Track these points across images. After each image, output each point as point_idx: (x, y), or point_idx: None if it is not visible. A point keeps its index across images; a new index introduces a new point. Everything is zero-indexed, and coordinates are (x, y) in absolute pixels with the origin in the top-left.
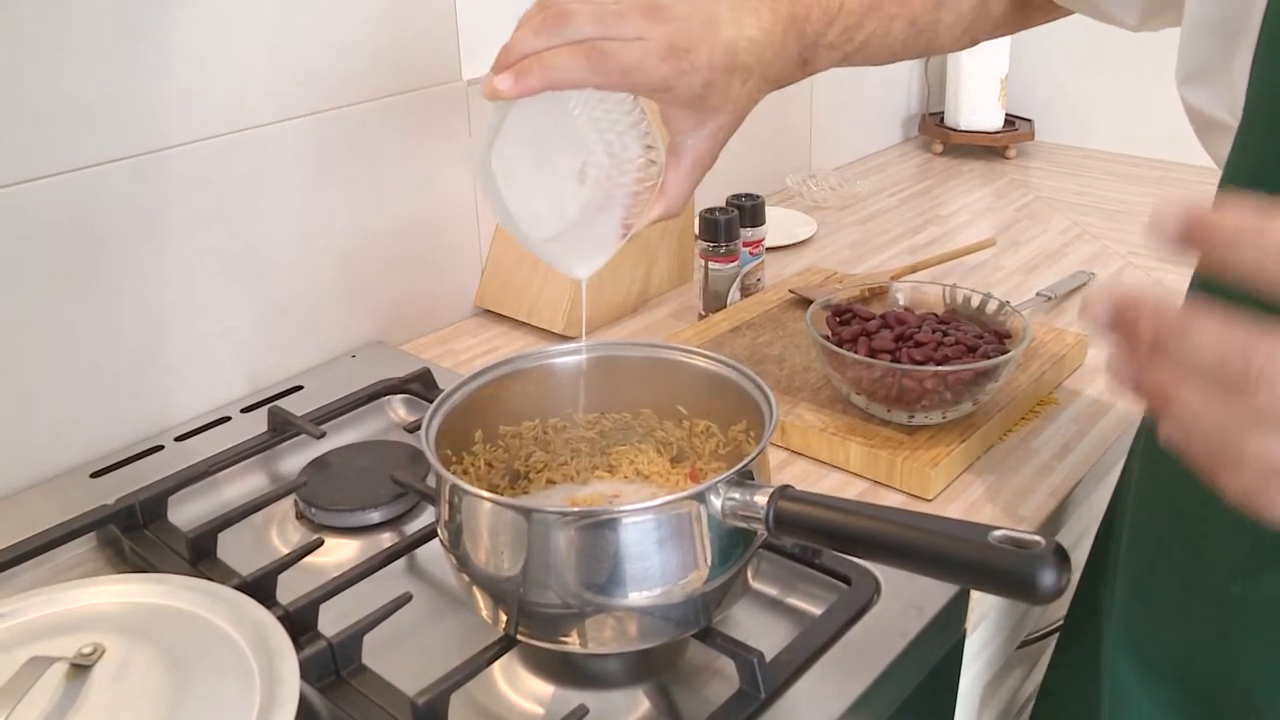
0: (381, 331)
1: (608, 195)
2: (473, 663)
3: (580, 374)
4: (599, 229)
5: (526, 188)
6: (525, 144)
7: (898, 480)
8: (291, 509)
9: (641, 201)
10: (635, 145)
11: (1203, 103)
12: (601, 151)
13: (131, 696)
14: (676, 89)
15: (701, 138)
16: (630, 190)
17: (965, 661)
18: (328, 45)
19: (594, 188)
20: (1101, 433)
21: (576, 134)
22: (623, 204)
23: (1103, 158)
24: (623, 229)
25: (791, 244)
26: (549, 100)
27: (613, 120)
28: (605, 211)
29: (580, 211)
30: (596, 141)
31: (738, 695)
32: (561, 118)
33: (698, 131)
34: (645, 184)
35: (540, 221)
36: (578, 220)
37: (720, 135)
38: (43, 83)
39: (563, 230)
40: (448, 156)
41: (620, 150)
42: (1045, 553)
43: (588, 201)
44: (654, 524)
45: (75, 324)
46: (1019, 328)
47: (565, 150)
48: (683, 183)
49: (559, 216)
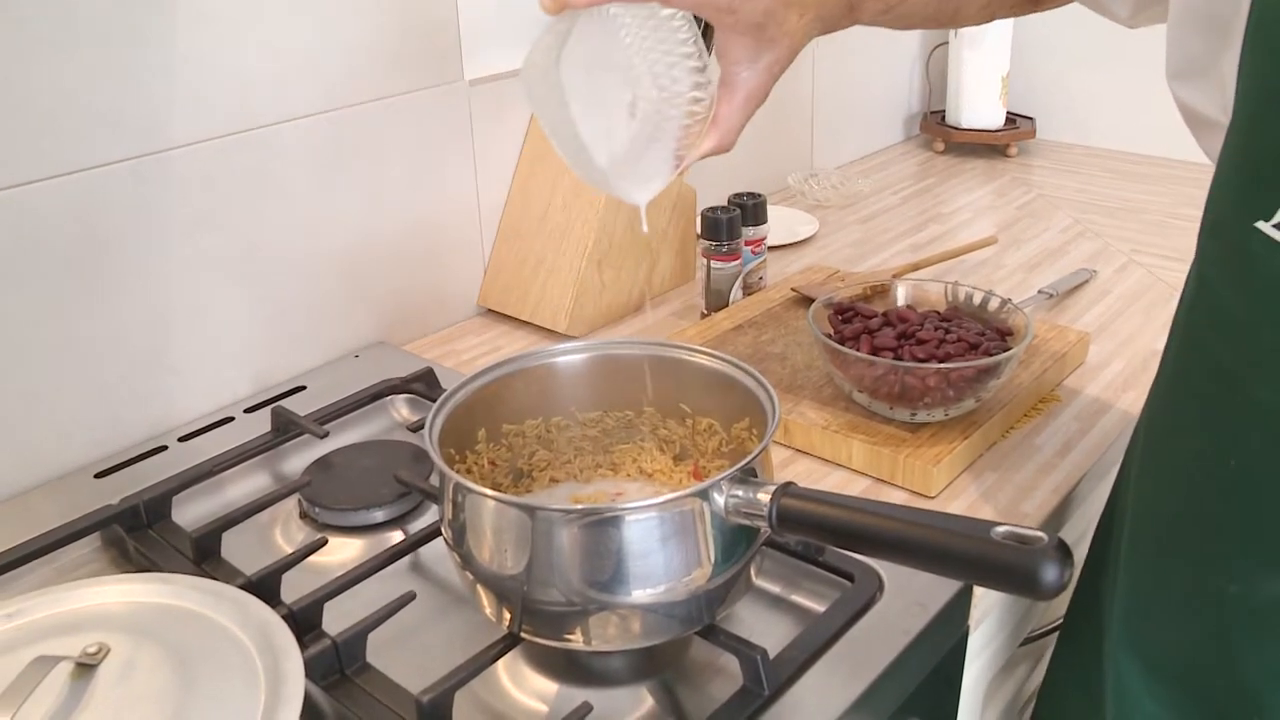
0: (384, 331)
1: (657, 127)
2: (477, 661)
3: (583, 371)
4: (650, 160)
5: (583, 111)
6: (581, 68)
7: (900, 478)
8: (295, 508)
9: (692, 134)
10: (686, 78)
11: (1193, 99)
12: (650, 83)
13: (137, 695)
14: (740, 12)
15: (757, 70)
16: (681, 123)
17: (968, 658)
18: (330, 46)
19: (643, 118)
20: (1103, 430)
21: (627, 63)
22: (673, 135)
23: (1104, 155)
24: (675, 160)
25: (793, 243)
26: (603, 26)
27: (664, 50)
28: (655, 143)
29: (631, 141)
30: (645, 73)
31: (741, 692)
32: (613, 46)
33: (754, 64)
34: (696, 117)
35: (591, 150)
36: (628, 151)
37: (775, 69)
38: (46, 84)
39: (612, 160)
40: (450, 156)
41: (670, 83)
42: (1047, 548)
43: (637, 131)
44: (657, 521)
45: (79, 325)
46: (1021, 325)
47: (615, 80)
48: (735, 116)
49: (611, 143)
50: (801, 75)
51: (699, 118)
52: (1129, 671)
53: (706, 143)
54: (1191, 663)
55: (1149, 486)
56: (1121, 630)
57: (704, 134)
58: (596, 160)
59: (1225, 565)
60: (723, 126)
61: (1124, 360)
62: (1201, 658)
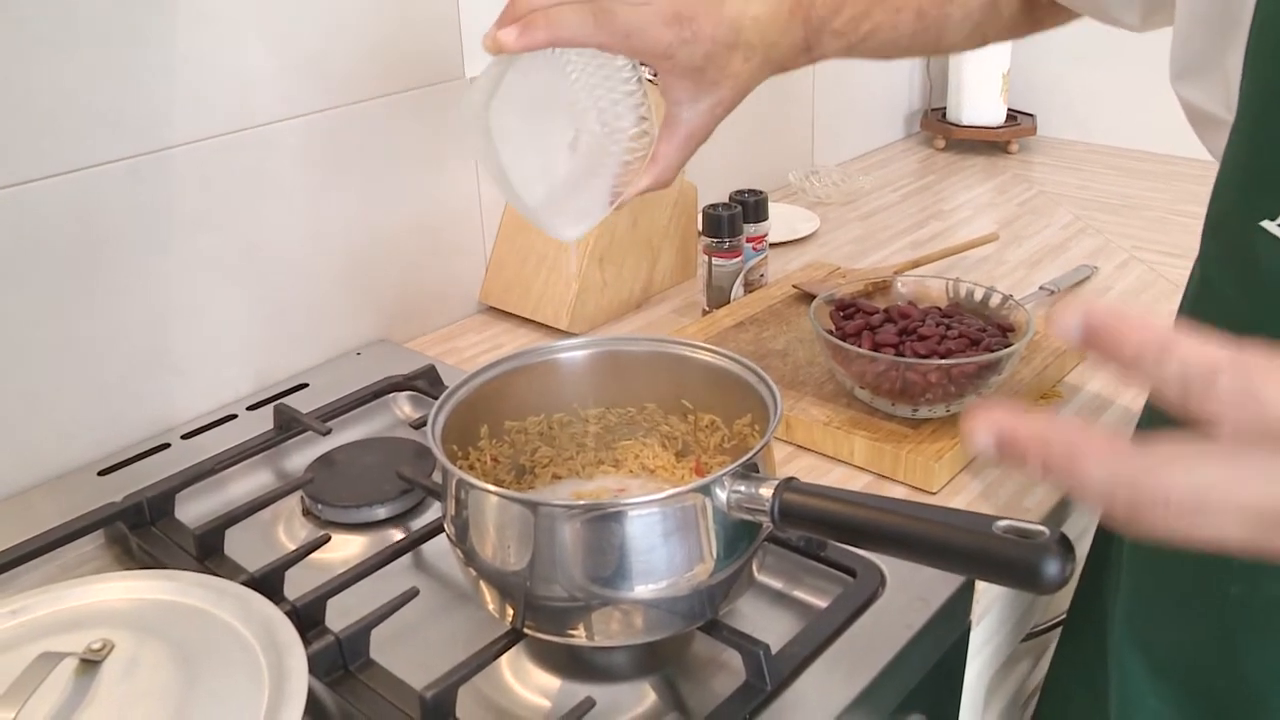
0: (386, 329)
1: (598, 162)
2: (480, 656)
3: (585, 368)
4: (587, 195)
5: (518, 148)
6: (520, 105)
7: (902, 474)
8: (298, 505)
9: (632, 171)
10: (629, 114)
11: (1197, 98)
12: (594, 118)
13: (141, 691)
14: (677, 57)
15: (699, 111)
16: (621, 159)
17: (970, 654)
18: (330, 44)
19: (585, 154)
20: (1105, 426)
21: (571, 99)
22: (613, 172)
23: (1105, 152)
24: (611, 196)
25: (794, 240)
26: (548, 62)
27: (609, 87)
28: (594, 178)
29: (569, 176)
30: (590, 108)
31: (744, 687)
32: (559, 81)
33: (695, 104)
34: (636, 154)
35: (530, 183)
36: (566, 184)
37: (718, 110)
38: (46, 83)
39: (551, 193)
40: (451, 154)
41: (613, 119)
42: (1049, 542)
43: (577, 167)
44: (660, 517)
45: (80, 323)
46: (1022, 321)
47: (559, 114)
48: (674, 154)
49: (548, 179)
50: (802, 73)
51: (639, 155)
52: (1132, 669)
53: (644, 179)
54: (1194, 661)
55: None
56: (1124, 628)
57: (642, 171)
58: (526, 200)
59: (1227, 565)
60: (661, 164)
61: None
62: (1204, 657)
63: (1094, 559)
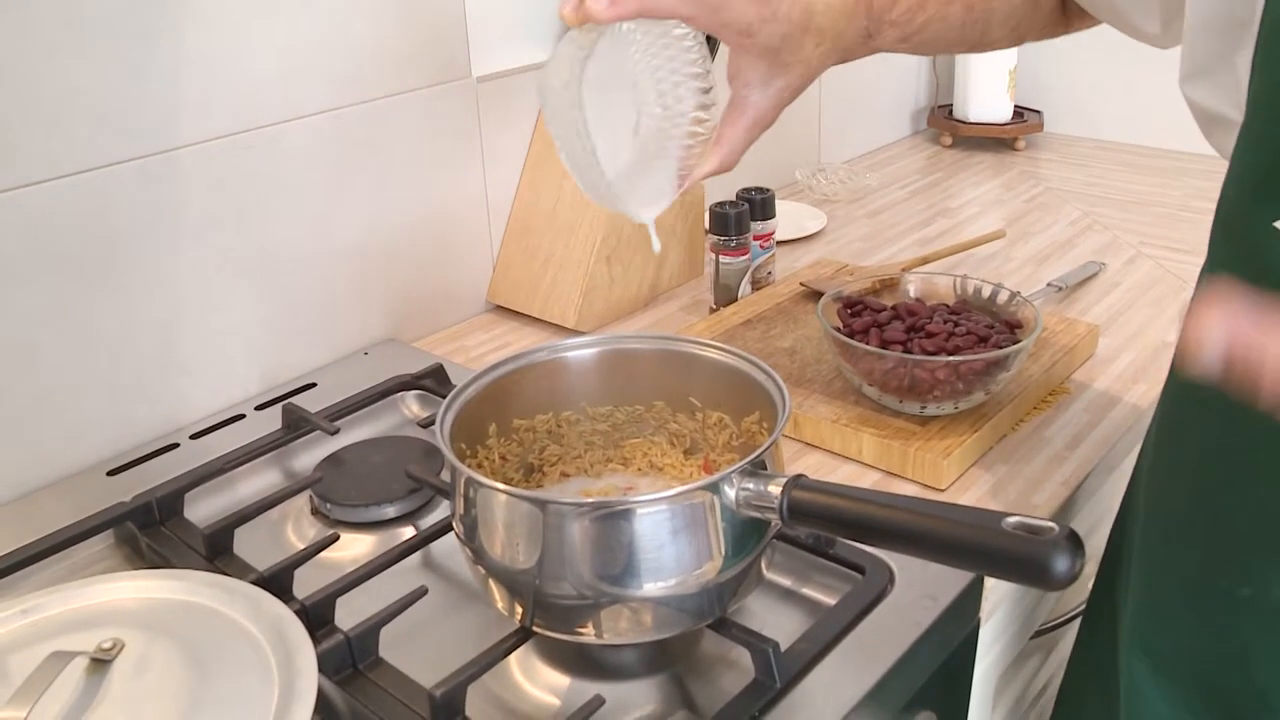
0: (394, 328)
1: (660, 145)
2: (489, 654)
3: (593, 366)
4: (654, 178)
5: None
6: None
7: (910, 471)
8: (307, 505)
9: (694, 154)
10: (690, 97)
11: (1206, 99)
12: (655, 101)
13: (151, 690)
14: (758, 35)
15: (768, 94)
16: (683, 142)
17: (979, 651)
18: (338, 44)
19: (646, 137)
20: (1113, 422)
21: (633, 80)
22: (676, 155)
23: (1112, 148)
24: (678, 179)
25: (801, 237)
26: (614, 41)
27: (671, 69)
28: (659, 161)
29: (633, 160)
30: (651, 90)
31: (753, 685)
32: (622, 62)
33: (765, 88)
34: (698, 137)
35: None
36: (632, 169)
37: (785, 94)
38: (56, 84)
39: (616, 176)
40: (459, 153)
41: (674, 101)
42: (1059, 538)
43: (640, 151)
44: (668, 514)
45: (90, 323)
46: (1030, 318)
47: (620, 96)
48: (740, 137)
49: (612, 161)
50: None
51: (701, 138)
52: (1141, 672)
53: (709, 162)
54: (1202, 664)
55: (1160, 485)
56: (1132, 630)
57: (707, 154)
58: (607, 176)
59: (1236, 567)
60: (726, 147)
61: (1134, 352)
62: (1212, 659)
63: (1108, 560)
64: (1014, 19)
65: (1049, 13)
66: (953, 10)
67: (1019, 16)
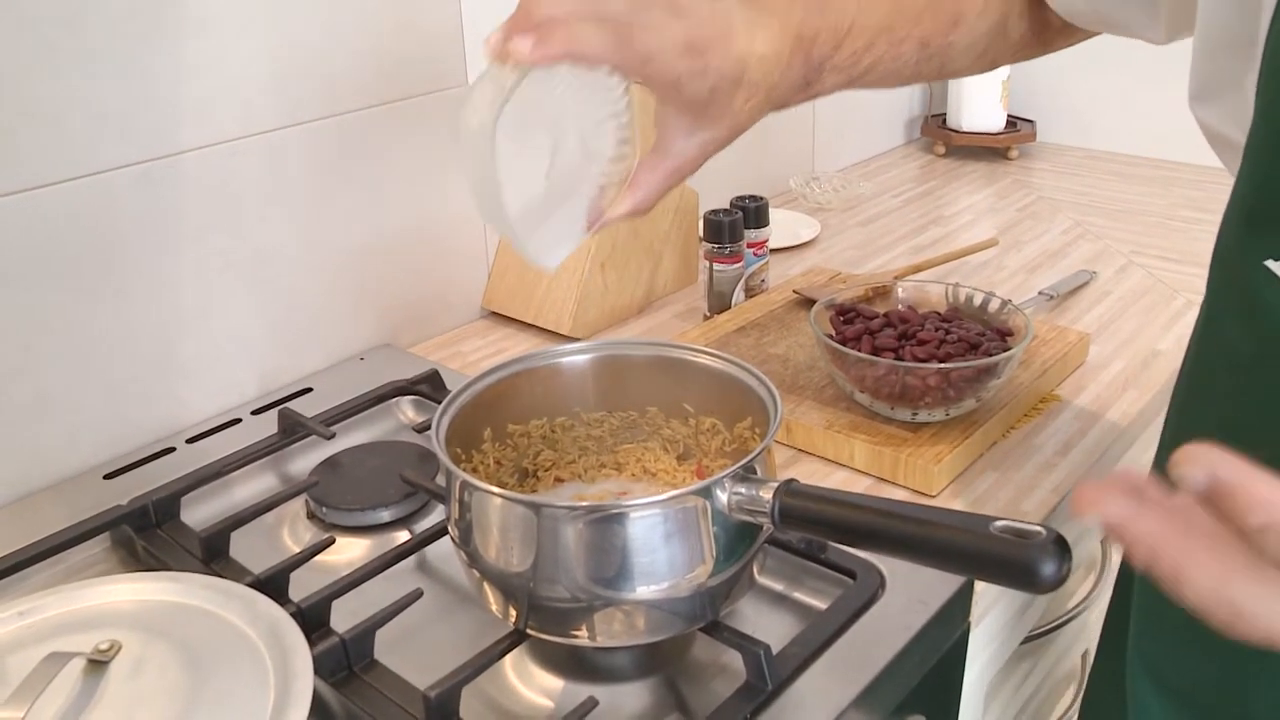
0: (390, 334)
1: (573, 184)
2: (483, 657)
3: (587, 372)
4: (562, 217)
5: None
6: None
7: (901, 477)
8: (303, 509)
9: (607, 196)
10: (610, 137)
11: (1214, 120)
12: (574, 138)
13: (148, 691)
14: (685, 89)
15: (691, 145)
16: (597, 183)
17: (970, 655)
18: (335, 51)
19: (560, 174)
20: (1103, 430)
21: (554, 116)
22: (588, 195)
23: (1104, 158)
24: (587, 221)
25: (795, 245)
26: (539, 76)
27: (594, 107)
28: (570, 199)
29: (545, 197)
30: (571, 127)
31: (745, 688)
32: (544, 97)
33: (689, 139)
34: (613, 179)
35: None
36: (542, 206)
37: (710, 148)
38: (59, 89)
39: (527, 214)
40: (454, 160)
41: (594, 139)
42: (1046, 542)
43: (553, 187)
44: (661, 519)
45: (89, 327)
46: (1021, 325)
47: (538, 132)
48: (657, 182)
49: (524, 199)
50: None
51: (616, 180)
52: (1146, 690)
53: (622, 205)
54: (1204, 691)
55: None
56: (1136, 649)
57: (621, 196)
58: (510, 220)
59: None
60: (642, 191)
61: (1124, 360)
62: (1212, 687)
63: (1122, 576)
64: (978, 49)
65: (1021, 37)
66: (905, 49)
67: (984, 46)
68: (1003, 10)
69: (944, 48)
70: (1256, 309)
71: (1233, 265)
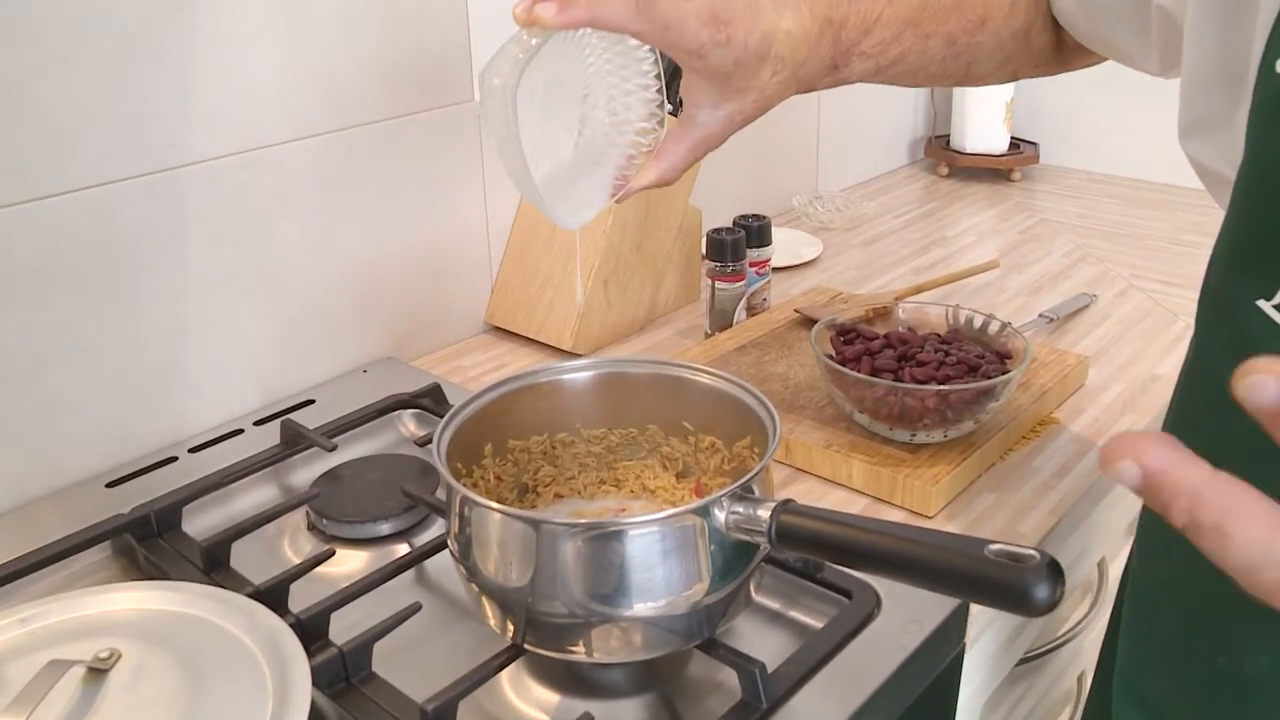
0: (392, 347)
1: (601, 152)
2: (481, 671)
3: (588, 388)
4: (589, 184)
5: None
6: (536, 85)
7: (899, 497)
8: (303, 520)
9: (634, 165)
10: (639, 108)
11: (1201, 155)
12: (604, 106)
13: (147, 700)
14: (709, 58)
15: (717, 117)
16: (625, 151)
17: (964, 676)
18: (342, 65)
19: (589, 141)
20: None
21: (585, 84)
22: (615, 163)
23: (1107, 181)
24: (613, 188)
25: (797, 264)
26: (568, 43)
27: (624, 77)
28: (598, 167)
29: (573, 162)
30: (601, 96)
31: (740, 706)
32: (575, 65)
33: (715, 110)
34: (642, 149)
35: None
36: (570, 171)
37: (736, 119)
38: (67, 101)
39: (554, 178)
40: (460, 175)
41: (623, 109)
42: (1039, 566)
43: (582, 154)
44: (659, 536)
45: (94, 337)
46: (1020, 348)
47: (569, 98)
48: (683, 153)
49: (552, 163)
50: (807, 98)
51: (644, 150)
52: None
53: (647, 175)
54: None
55: (1148, 547)
56: (1122, 676)
57: (646, 166)
58: (534, 178)
59: (1216, 634)
60: (667, 161)
61: (1123, 384)
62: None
63: (1119, 602)
64: (1003, 54)
65: (1042, 49)
66: (932, 44)
67: (1008, 51)
68: (1028, 17)
69: (970, 47)
70: (1246, 347)
71: (1222, 303)
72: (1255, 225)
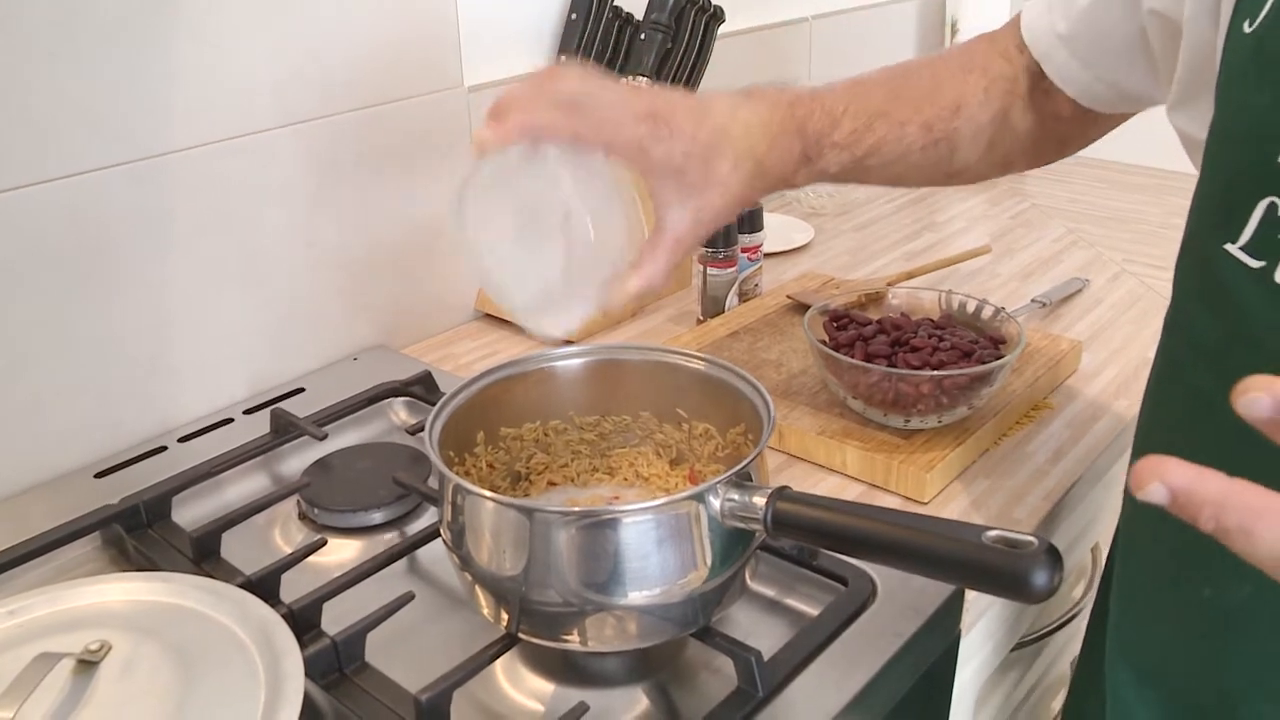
0: (383, 335)
1: (589, 268)
2: (475, 660)
3: (581, 375)
4: (573, 296)
5: (507, 251)
6: (509, 207)
7: (894, 484)
8: (294, 509)
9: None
10: (618, 218)
11: (1187, 124)
12: (588, 222)
13: (138, 692)
14: (652, 154)
15: (684, 215)
16: (612, 264)
17: (960, 662)
18: (330, 52)
19: (577, 260)
20: (1095, 437)
21: (564, 206)
22: (603, 275)
23: (1097, 165)
24: (598, 299)
25: (789, 250)
26: (534, 163)
27: (595, 191)
28: (584, 281)
29: (559, 279)
30: (583, 213)
31: (736, 693)
32: (549, 189)
33: (681, 208)
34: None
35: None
36: (556, 287)
37: (705, 216)
38: (48, 88)
39: (539, 295)
40: (450, 162)
41: (603, 219)
42: (1037, 552)
43: (568, 274)
44: (654, 524)
45: (80, 326)
46: (1014, 333)
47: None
48: (660, 259)
49: (539, 281)
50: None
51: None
52: (1124, 682)
53: (632, 283)
54: (1176, 671)
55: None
56: (1115, 638)
57: (629, 274)
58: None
59: (1201, 566)
60: (647, 269)
61: (1116, 368)
62: (1184, 662)
63: (1106, 574)
64: (984, 139)
65: (1029, 132)
66: (909, 132)
67: (989, 136)
68: (1004, 101)
69: (949, 133)
70: (1219, 292)
71: (1195, 253)
72: (1219, 174)
